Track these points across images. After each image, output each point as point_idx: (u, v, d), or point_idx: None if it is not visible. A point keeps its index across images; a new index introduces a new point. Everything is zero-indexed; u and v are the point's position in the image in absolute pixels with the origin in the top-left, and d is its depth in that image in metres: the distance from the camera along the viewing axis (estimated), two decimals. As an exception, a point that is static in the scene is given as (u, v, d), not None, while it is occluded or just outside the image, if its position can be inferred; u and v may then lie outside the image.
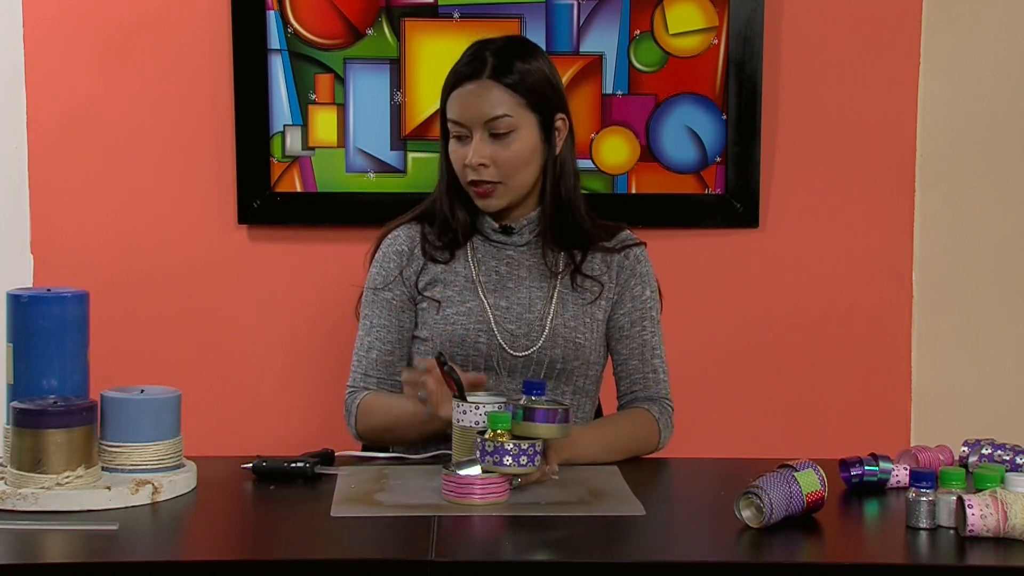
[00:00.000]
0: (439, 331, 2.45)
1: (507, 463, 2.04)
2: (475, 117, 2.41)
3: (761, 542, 1.91)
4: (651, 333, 2.52)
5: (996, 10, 3.19)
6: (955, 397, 3.23)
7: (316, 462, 2.23)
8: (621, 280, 2.52)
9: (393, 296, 2.50)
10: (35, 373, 2.15)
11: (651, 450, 2.45)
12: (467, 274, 2.48)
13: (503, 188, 2.44)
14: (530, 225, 2.49)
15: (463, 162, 2.42)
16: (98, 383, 2.21)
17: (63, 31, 3.11)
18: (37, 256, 3.15)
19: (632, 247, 2.55)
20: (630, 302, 2.52)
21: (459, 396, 2.16)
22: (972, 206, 3.22)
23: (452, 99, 2.43)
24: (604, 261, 2.52)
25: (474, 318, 2.44)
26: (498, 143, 2.41)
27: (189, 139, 3.14)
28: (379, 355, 2.49)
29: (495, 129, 2.41)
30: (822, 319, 3.22)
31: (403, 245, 2.51)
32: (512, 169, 2.43)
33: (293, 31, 3.09)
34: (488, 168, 2.41)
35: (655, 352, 2.52)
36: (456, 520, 1.99)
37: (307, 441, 2.63)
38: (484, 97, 2.41)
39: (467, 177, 2.43)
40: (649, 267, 2.56)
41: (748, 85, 3.13)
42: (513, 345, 2.44)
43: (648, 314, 2.52)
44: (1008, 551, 1.88)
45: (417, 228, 2.53)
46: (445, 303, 2.46)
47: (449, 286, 2.48)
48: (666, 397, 2.52)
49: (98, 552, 1.90)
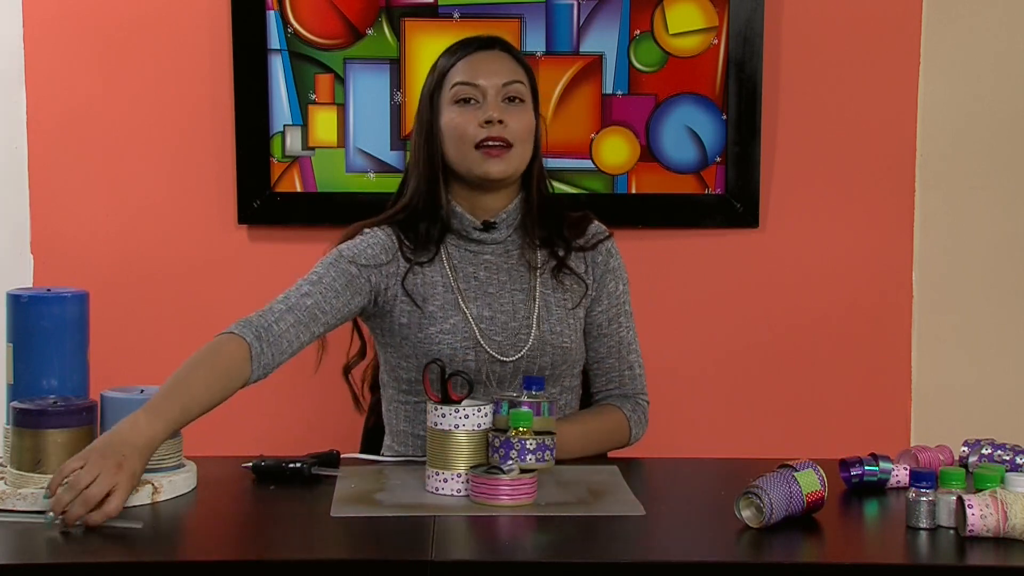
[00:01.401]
0: (424, 351, 2.38)
1: (529, 460, 2.06)
2: (494, 78, 2.41)
3: (761, 542, 1.92)
4: (627, 329, 2.52)
5: (996, 10, 3.19)
6: (955, 397, 3.23)
7: (315, 462, 2.23)
8: (597, 276, 2.50)
9: (359, 274, 2.38)
10: (35, 373, 2.15)
11: (622, 446, 2.47)
12: (445, 283, 2.43)
13: (513, 154, 2.41)
14: (508, 219, 2.45)
15: (478, 120, 2.39)
16: (98, 383, 2.21)
17: (63, 31, 3.11)
18: (37, 256, 3.15)
19: (603, 241, 2.52)
20: (606, 299, 2.50)
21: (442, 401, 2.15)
22: (972, 206, 3.22)
23: (464, 64, 2.42)
24: (582, 259, 2.50)
25: (460, 335, 2.39)
26: (512, 107, 2.41)
27: (189, 139, 3.14)
28: (315, 304, 2.31)
29: (511, 93, 2.42)
30: (822, 319, 3.22)
31: (386, 242, 2.42)
32: (523, 135, 2.42)
33: (293, 31, 3.09)
34: (505, 127, 2.39)
35: (631, 348, 2.52)
36: (456, 520, 2.00)
37: (307, 441, 2.63)
38: (502, 62, 2.44)
39: (478, 137, 2.39)
40: (619, 259, 2.54)
41: (748, 85, 3.13)
42: (501, 353, 2.41)
43: (623, 309, 2.52)
44: (1008, 551, 1.88)
45: (393, 232, 2.44)
46: (428, 319, 2.40)
47: (429, 300, 2.41)
48: (642, 392, 2.52)
49: (98, 552, 1.90)
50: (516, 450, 2.06)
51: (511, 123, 2.40)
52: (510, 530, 1.99)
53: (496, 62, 2.43)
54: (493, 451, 2.09)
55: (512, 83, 2.42)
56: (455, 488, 2.09)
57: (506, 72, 2.43)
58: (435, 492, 2.11)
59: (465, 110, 2.40)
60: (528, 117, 2.43)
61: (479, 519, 2.01)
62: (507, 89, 2.41)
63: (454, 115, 2.41)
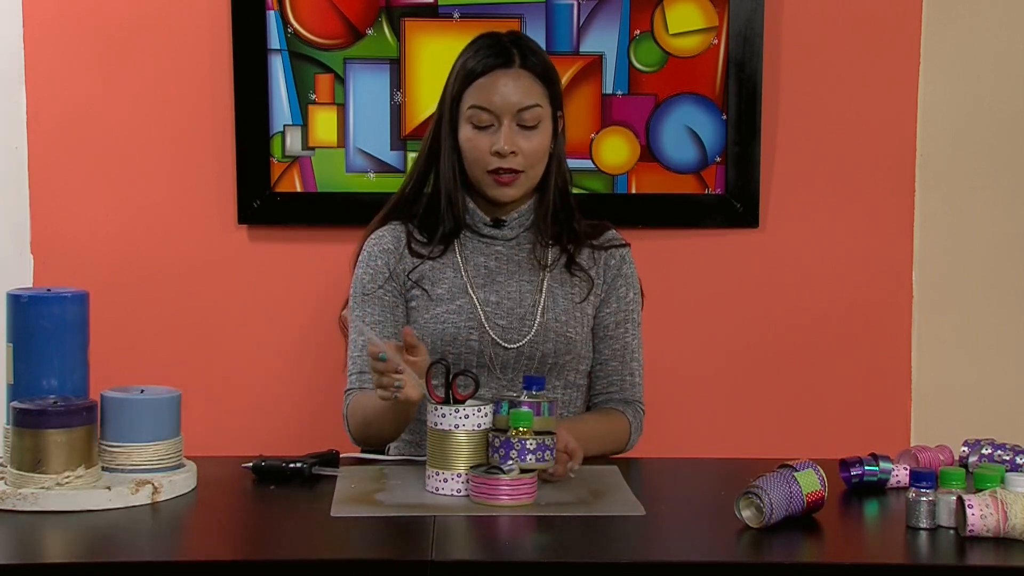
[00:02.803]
0: (430, 330, 2.44)
1: (529, 460, 2.07)
2: (507, 105, 2.42)
3: (761, 542, 1.92)
4: (632, 336, 2.54)
5: (996, 10, 3.19)
6: (955, 397, 3.23)
7: (315, 462, 2.23)
8: (608, 279, 2.53)
9: (385, 293, 2.48)
10: (35, 373, 2.15)
11: (620, 451, 2.49)
12: (456, 271, 2.48)
13: (524, 178, 2.45)
14: (520, 219, 2.50)
15: (490, 149, 2.42)
16: (98, 383, 2.21)
17: (63, 31, 3.11)
18: (37, 256, 3.14)
19: (618, 247, 2.56)
20: (615, 303, 2.53)
21: (443, 401, 2.15)
22: (972, 206, 3.22)
23: (479, 86, 2.43)
24: (592, 257, 2.53)
25: (464, 315, 2.44)
26: (525, 133, 2.43)
27: (189, 139, 3.13)
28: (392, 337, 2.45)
29: (525, 119, 2.42)
30: (822, 319, 3.22)
31: (389, 244, 2.51)
32: (535, 160, 2.45)
33: (293, 31, 3.09)
34: (516, 157, 2.42)
35: (634, 355, 2.54)
36: (456, 520, 2.00)
37: (307, 441, 2.63)
38: (518, 85, 2.43)
39: (490, 165, 2.43)
40: (634, 269, 2.57)
41: (748, 85, 3.13)
42: (504, 338, 2.44)
43: (631, 316, 2.54)
44: (1008, 551, 1.88)
45: (402, 228, 2.53)
46: (435, 301, 2.46)
47: (438, 284, 2.47)
48: (639, 400, 2.54)
49: (98, 552, 1.90)
50: (516, 450, 2.07)
51: (524, 148, 2.43)
52: (510, 530, 1.99)
53: (512, 83, 2.43)
54: (493, 451, 2.09)
55: (527, 109, 2.42)
56: (455, 488, 2.09)
57: (522, 95, 2.43)
58: (435, 492, 2.11)
59: (479, 133, 2.43)
60: (541, 138, 2.45)
61: (479, 519, 2.01)
62: (522, 116, 2.42)
63: (470, 134, 2.44)
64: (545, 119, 2.45)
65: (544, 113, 2.45)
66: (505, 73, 2.43)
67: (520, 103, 2.42)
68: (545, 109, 2.45)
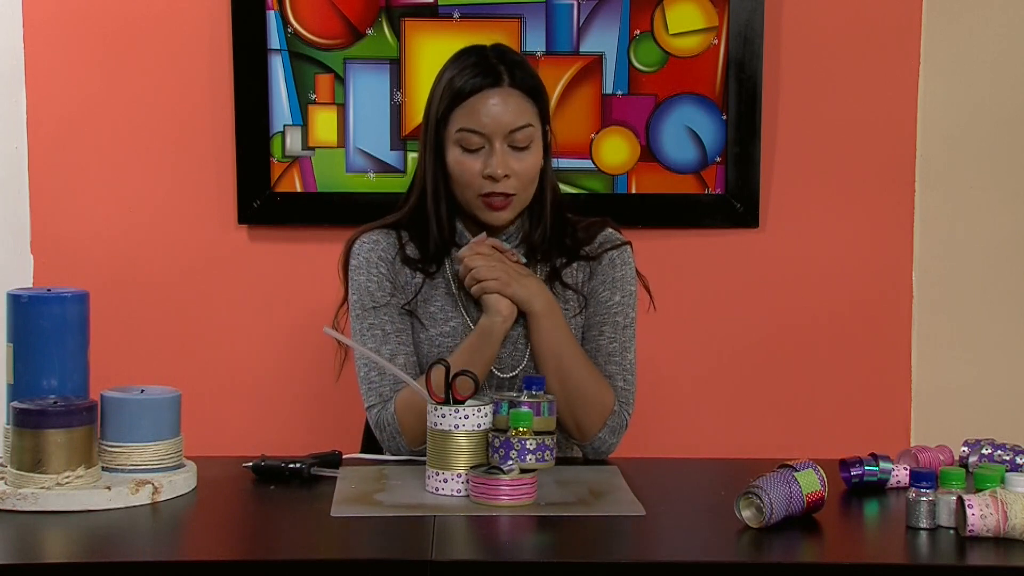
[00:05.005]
0: (423, 352, 2.40)
1: (529, 460, 2.07)
2: (498, 127, 2.33)
3: (761, 542, 1.92)
4: (609, 339, 2.43)
5: (996, 10, 3.19)
6: (955, 397, 3.23)
7: (315, 463, 2.23)
8: (593, 284, 2.46)
9: (397, 301, 2.41)
10: (35, 373, 2.15)
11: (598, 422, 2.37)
12: (447, 288, 2.43)
13: (516, 200, 2.37)
14: (509, 239, 2.43)
15: (481, 173, 2.33)
16: (98, 383, 2.21)
17: (63, 31, 3.11)
18: (37, 256, 3.15)
19: (610, 250, 2.47)
20: (593, 307, 2.45)
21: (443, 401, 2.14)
22: (972, 206, 3.22)
23: (467, 108, 2.34)
24: (583, 270, 2.47)
25: (459, 339, 2.39)
26: (517, 154, 2.35)
27: (189, 139, 3.14)
28: (406, 359, 2.38)
29: (517, 140, 2.34)
30: (822, 319, 3.22)
31: (385, 252, 2.43)
32: (528, 181, 2.37)
33: (293, 31, 3.09)
34: (509, 180, 2.34)
35: (611, 359, 2.42)
36: (456, 520, 2.00)
37: (307, 441, 2.63)
38: (507, 106, 2.34)
39: (483, 189, 2.34)
40: (626, 270, 2.47)
41: (748, 85, 3.13)
42: (499, 366, 2.41)
43: (610, 319, 2.44)
44: (1008, 551, 1.88)
45: (393, 235, 2.44)
46: (428, 322, 2.41)
47: (430, 302, 2.42)
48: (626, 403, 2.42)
49: (98, 552, 1.90)
50: (516, 450, 2.07)
51: (516, 171, 2.34)
52: (510, 530, 1.99)
53: (503, 104, 2.33)
54: (493, 451, 2.09)
55: (518, 130, 2.34)
56: (455, 488, 2.09)
57: (513, 115, 2.33)
58: (435, 492, 2.11)
59: (469, 156, 2.35)
60: (534, 159, 2.36)
61: (479, 519, 2.01)
62: (513, 137, 2.34)
63: (460, 157, 2.36)
64: (536, 138, 2.36)
65: (535, 132, 2.36)
66: (494, 93, 2.34)
67: (512, 124, 2.33)
68: (536, 128, 2.36)
